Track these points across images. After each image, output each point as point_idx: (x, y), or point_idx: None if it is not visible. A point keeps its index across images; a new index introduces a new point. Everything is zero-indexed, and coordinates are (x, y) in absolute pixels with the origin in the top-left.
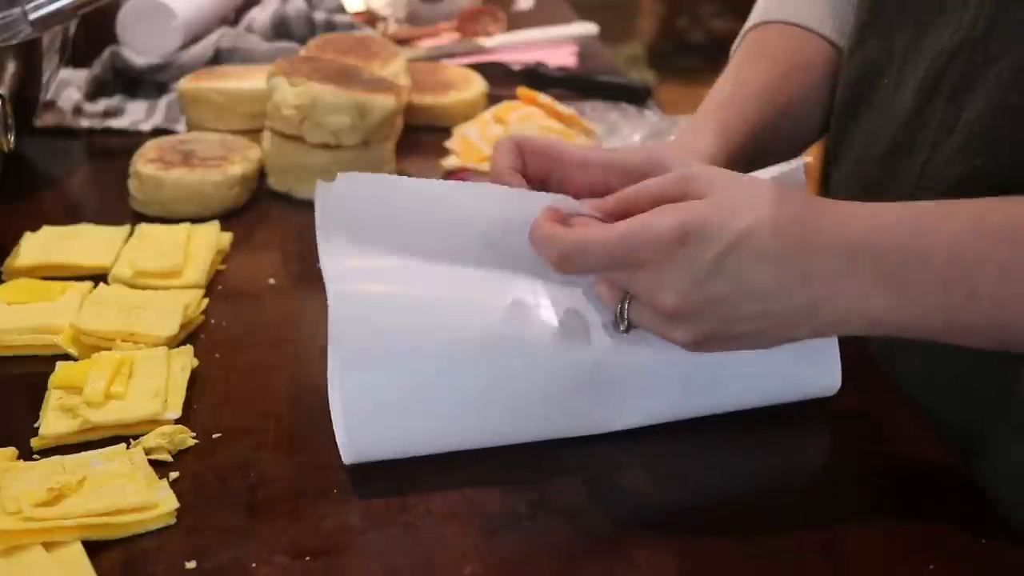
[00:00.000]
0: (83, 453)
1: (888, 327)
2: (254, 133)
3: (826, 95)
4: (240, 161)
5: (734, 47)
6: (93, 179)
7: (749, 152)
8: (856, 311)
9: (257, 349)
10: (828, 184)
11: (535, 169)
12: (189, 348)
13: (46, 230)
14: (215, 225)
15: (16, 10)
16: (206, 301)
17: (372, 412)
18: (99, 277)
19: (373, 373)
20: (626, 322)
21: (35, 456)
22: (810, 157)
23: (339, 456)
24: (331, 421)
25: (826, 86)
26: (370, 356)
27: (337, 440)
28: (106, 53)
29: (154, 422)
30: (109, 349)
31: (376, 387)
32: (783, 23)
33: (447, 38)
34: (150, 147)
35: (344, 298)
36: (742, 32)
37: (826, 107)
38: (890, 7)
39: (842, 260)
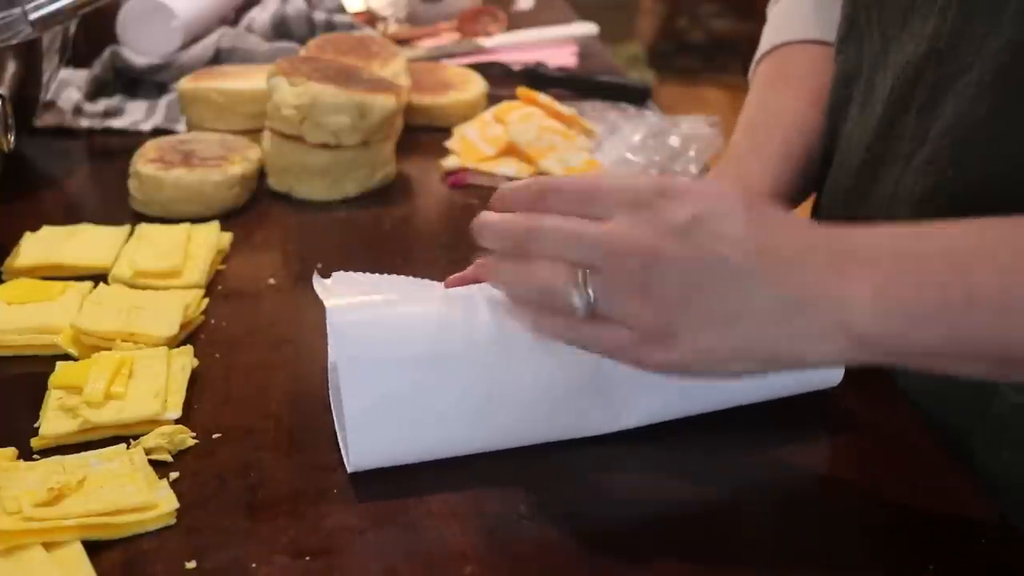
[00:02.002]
0: (83, 453)
1: (878, 345)
2: (254, 133)
3: None
4: (240, 161)
5: (751, 74)
6: (93, 179)
7: (791, 186)
8: (841, 323)
9: (257, 349)
10: (820, 187)
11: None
12: (189, 348)
13: (46, 230)
14: (215, 225)
15: (16, 10)
16: (206, 301)
17: (375, 422)
18: (99, 277)
19: (373, 383)
20: (588, 293)
21: (35, 456)
22: None
23: (339, 456)
24: (331, 421)
25: None
26: (370, 366)
27: (342, 449)
28: (106, 53)
29: (154, 422)
30: (109, 349)
31: (377, 398)
32: (798, 42)
33: (447, 38)
34: (150, 147)
35: (341, 311)
36: (756, 58)
37: None
38: (861, 20)
39: (828, 259)
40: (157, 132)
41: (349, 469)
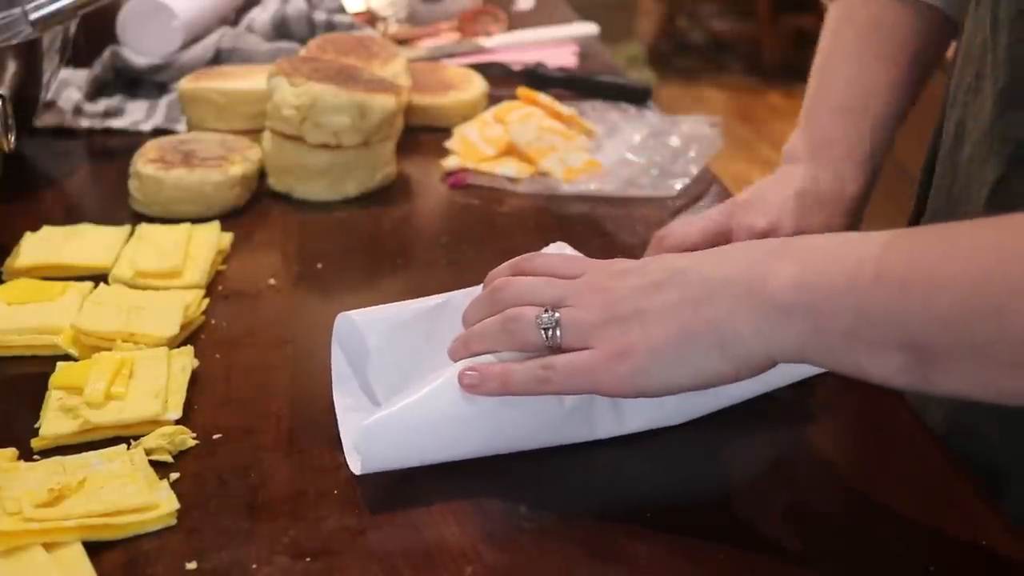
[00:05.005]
0: (84, 454)
1: (799, 318)
2: (254, 133)
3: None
4: (240, 161)
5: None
6: (93, 179)
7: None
8: (765, 294)
9: (257, 349)
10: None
11: None
12: (189, 348)
13: (46, 230)
14: (215, 225)
15: (16, 10)
16: (206, 301)
17: (381, 434)
18: (99, 277)
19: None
20: (554, 315)
21: (35, 457)
22: None
23: (339, 457)
24: (331, 422)
25: (927, 66)
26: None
27: (346, 453)
28: (106, 53)
29: (154, 423)
30: (109, 349)
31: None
32: None
33: (447, 38)
34: (150, 147)
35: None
36: None
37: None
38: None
39: (761, 249)
40: (157, 132)
41: (356, 471)
